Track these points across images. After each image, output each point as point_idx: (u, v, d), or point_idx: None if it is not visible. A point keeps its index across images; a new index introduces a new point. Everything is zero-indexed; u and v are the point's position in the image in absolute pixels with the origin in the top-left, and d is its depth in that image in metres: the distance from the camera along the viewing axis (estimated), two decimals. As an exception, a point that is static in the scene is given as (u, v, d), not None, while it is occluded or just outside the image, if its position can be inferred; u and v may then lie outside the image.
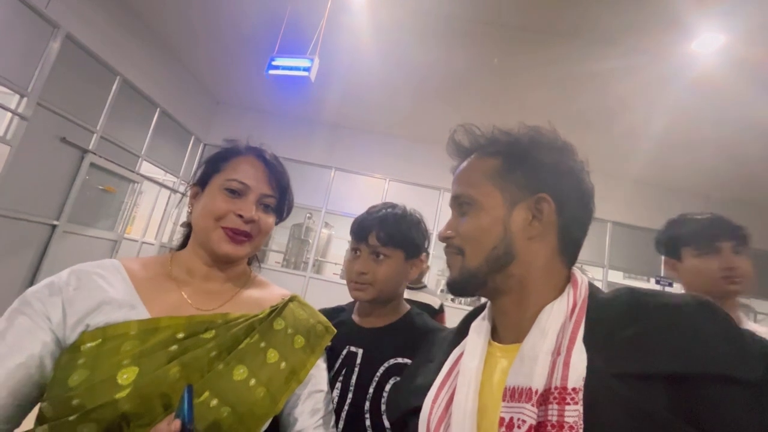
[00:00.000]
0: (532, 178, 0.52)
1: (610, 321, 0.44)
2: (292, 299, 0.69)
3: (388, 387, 0.75)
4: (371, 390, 0.74)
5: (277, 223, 0.71)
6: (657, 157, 4.51)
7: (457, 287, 0.53)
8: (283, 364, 0.59)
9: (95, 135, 3.63)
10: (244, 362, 0.56)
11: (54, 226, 3.35)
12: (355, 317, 0.86)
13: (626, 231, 5.18)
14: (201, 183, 0.67)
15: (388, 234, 0.79)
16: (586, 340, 0.42)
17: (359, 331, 0.81)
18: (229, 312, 0.61)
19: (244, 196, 0.64)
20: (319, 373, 0.65)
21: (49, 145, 3.21)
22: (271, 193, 0.67)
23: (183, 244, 0.70)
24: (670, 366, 0.37)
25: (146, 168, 4.46)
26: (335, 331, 0.70)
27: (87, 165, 3.53)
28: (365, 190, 5.41)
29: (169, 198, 5.03)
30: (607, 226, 5.17)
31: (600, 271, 5.15)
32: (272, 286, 0.74)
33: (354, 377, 0.75)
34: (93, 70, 3.54)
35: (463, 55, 3.48)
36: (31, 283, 3.24)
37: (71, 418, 0.45)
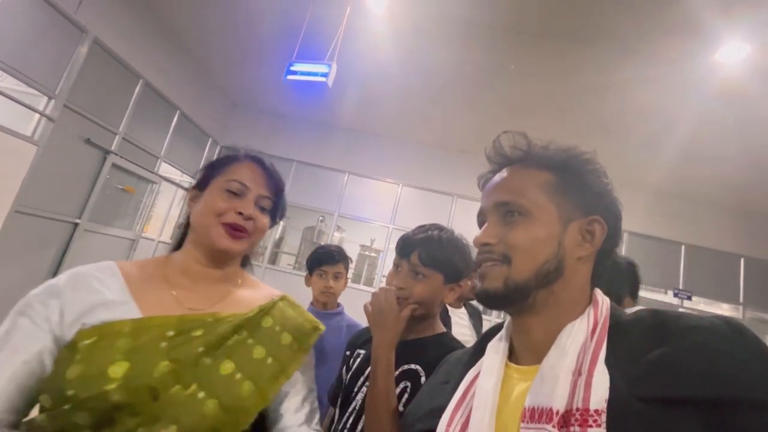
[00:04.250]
0: (586, 199, 0.52)
1: (634, 342, 0.43)
2: (282, 299, 0.71)
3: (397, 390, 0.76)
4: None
5: (270, 227, 0.74)
6: (677, 168, 4.43)
7: (497, 298, 0.51)
8: (269, 360, 0.61)
9: (117, 136, 3.73)
10: (231, 357, 0.58)
11: (76, 225, 3.44)
12: None
13: (643, 242, 5.08)
14: (200, 186, 0.71)
15: (429, 255, 0.81)
16: (609, 361, 0.41)
17: None
18: (219, 311, 0.63)
19: (243, 196, 0.68)
20: (307, 371, 0.68)
21: (74, 146, 3.31)
22: (268, 194, 0.71)
23: (178, 246, 0.73)
24: (702, 390, 0.35)
25: (164, 169, 4.56)
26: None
27: (109, 165, 3.63)
28: (378, 195, 5.43)
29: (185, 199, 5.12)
30: (623, 237, 5.08)
31: (615, 281, 5.05)
32: (264, 286, 0.76)
33: None
34: (118, 74, 3.65)
35: (481, 61, 3.48)
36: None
37: (66, 407, 0.49)
